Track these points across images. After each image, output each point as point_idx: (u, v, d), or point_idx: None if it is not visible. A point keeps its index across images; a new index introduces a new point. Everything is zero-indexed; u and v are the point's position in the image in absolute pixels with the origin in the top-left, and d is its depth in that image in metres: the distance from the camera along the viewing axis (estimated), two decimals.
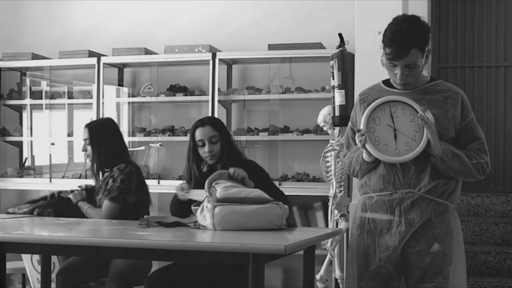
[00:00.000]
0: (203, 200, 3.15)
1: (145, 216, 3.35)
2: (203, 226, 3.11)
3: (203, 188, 3.24)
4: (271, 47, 5.21)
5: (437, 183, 2.84)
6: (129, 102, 5.74)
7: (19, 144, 5.88)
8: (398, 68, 2.80)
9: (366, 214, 2.95)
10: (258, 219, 3.03)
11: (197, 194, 3.35)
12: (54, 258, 4.60)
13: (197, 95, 5.43)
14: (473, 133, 2.90)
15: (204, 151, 3.58)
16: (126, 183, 3.90)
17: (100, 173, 4.05)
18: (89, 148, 4.02)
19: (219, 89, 5.26)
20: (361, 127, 2.84)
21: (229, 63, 5.47)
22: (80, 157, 5.44)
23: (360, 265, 2.94)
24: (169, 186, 5.20)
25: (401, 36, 2.74)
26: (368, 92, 3.02)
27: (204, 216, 3.10)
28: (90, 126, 4.07)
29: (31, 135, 5.81)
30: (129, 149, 4.35)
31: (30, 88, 5.80)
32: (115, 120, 4.52)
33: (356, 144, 2.98)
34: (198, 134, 3.61)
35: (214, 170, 3.48)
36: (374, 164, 2.90)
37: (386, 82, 3.00)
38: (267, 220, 3.05)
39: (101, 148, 3.98)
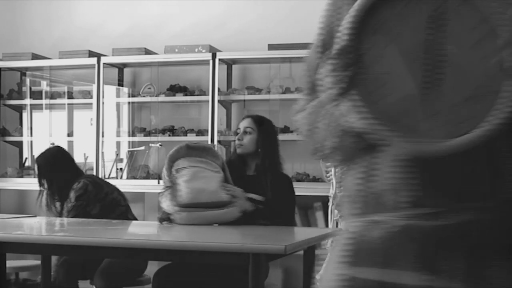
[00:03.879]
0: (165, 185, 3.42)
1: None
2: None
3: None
4: (271, 47, 5.21)
5: None
6: (129, 102, 5.73)
7: (19, 144, 5.88)
8: None
9: (361, 271, 1.23)
10: (218, 221, 3.35)
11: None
12: None
13: (197, 95, 5.42)
14: None
15: (236, 138, 3.70)
16: (82, 198, 3.94)
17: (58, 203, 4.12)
18: (44, 181, 4.07)
19: (219, 89, 5.25)
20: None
21: (229, 63, 5.47)
22: (80, 157, 5.43)
23: None
24: None
25: None
26: None
27: (167, 203, 3.35)
28: (39, 161, 4.13)
29: (31, 135, 5.81)
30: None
31: (30, 88, 5.79)
32: (115, 120, 4.53)
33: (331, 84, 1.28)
34: (241, 124, 3.77)
35: (243, 162, 3.69)
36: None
37: None
38: (226, 220, 3.35)
39: (57, 178, 4.05)
